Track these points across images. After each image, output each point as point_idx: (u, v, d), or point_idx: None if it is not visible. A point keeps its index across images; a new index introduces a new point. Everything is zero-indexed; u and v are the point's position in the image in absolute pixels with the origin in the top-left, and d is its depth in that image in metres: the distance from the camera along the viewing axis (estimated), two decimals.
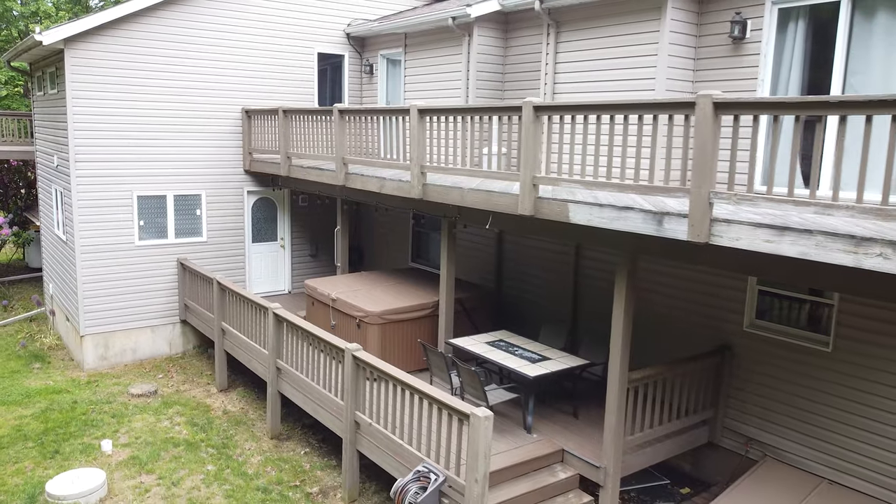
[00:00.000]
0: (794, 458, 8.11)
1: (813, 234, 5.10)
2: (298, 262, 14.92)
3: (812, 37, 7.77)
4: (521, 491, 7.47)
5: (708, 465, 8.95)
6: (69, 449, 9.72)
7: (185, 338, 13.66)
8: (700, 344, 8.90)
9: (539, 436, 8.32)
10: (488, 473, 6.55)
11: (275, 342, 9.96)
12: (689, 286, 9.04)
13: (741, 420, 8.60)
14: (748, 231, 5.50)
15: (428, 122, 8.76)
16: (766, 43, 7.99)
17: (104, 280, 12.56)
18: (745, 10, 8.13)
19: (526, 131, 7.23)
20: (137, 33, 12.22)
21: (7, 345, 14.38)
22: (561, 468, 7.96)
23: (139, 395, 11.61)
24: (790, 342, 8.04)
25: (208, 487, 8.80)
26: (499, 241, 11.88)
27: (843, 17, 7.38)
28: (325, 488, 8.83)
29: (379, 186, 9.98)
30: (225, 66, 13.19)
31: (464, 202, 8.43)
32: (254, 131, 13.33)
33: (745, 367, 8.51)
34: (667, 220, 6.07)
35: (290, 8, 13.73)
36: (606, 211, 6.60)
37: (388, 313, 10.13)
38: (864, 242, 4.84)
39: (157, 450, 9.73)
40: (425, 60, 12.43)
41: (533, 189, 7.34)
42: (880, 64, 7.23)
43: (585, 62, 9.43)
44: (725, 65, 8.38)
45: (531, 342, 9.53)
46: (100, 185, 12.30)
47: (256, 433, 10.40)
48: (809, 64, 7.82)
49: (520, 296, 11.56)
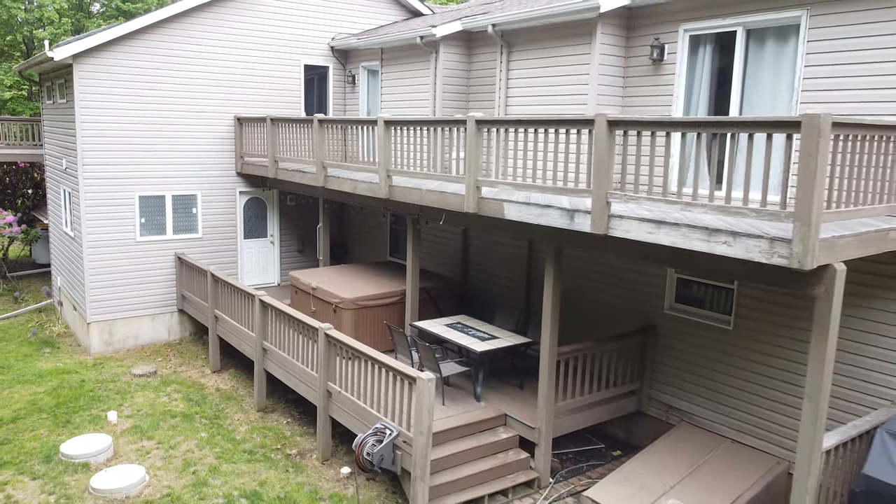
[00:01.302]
0: (705, 421, 9.41)
1: (679, 226, 6.40)
2: (286, 256, 16.22)
3: (717, 59, 9.07)
4: (467, 447, 8.77)
5: (637, 431, 10.24)
6: (79, 419, 11.01)
7: (182, 325, 14.96)
8: (630, 324, 10.19)
9: (486, 404, 9.62)
10: (432, 427, 7.85)
11: (261, 326, 11.25)
12: (621, 274, 10.32)
13: (663, 391, 9.91)
14: (636, 224, 6.80)
15: (393, 131, 10.05)
16: (680, 64, 9.29)
17: (109, 273, 13.86)
18: (663, 36, 9.42)
19: (470, 141, 8.53)
20: (139, 48, 13.51)
21: (20, 332, 15.67)
22: (503, 430, 9.26)
23: (140, 375, 12.90)
24: (701, 322, 9.34)
25: (201, 450, 10.09)
26: (465, 238, 13.17)
27: (740, 43, 8.68)
28: (302, 450, 10.13)
29: (353, 187, 11.27)
30: (219, 76, 14.47)
31: (423, 201, 9.72)
32: (245, 137, 14.62)
33: (667, 344, 9.81)
34: (577, 216, 7.37)
35: (278, 23, 15.03)
36: (532, 209, 7.89)
37: (361, 300, 11.43)
38: (714, 233, 6.13)
39: (156, 420, 11.02)
40: (400, 73, 13.72)
41: (476, 190, 8.64)
42: (769, 82, 8.52)
43: (532, 78, 10.73)
44: (648, 83, 9.68)
45: (486, 324, 10.83)
46: (105, 186, 13.59)
47: (244, 407, 11.69)
48: (716, 82, 9.11)
49: (482, 285, 12.85)
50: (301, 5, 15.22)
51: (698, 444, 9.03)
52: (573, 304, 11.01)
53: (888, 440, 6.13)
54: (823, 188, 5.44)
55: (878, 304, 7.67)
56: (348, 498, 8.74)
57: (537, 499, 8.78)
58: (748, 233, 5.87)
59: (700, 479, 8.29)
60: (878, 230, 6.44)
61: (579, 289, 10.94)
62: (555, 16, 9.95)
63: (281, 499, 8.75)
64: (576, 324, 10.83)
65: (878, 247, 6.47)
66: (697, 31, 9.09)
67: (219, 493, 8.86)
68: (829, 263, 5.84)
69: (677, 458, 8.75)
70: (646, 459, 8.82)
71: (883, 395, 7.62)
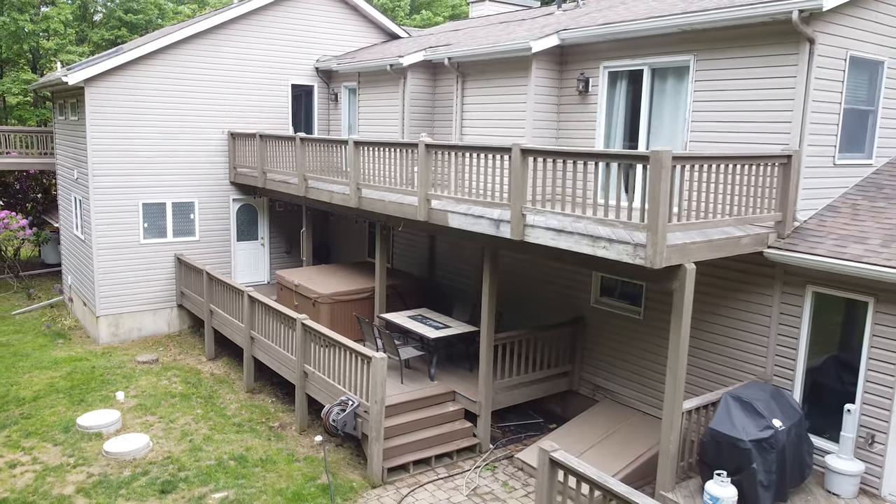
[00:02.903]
0: (623, 397, 11.11)
1: (573, 234, 8.10)
2: (275, 257, 17.92)
3: (630, 92, 10.77)
4: (419, 417, 10.48)
5: (571, 408, 11.93)
6: (91, 398, 12.71)
7: (181, 319, 16.66)
8: (565, 315, 11.87)
9: (439, 382, 11.32)
10: (385, 398, 9.55)
11: (249, 318, 12.95)
12: (559, 273, 12.01)
13: (592, 372, 11.61)
14: (543, 232, 8.50)
15: (362, 150, 11.75)
16: (601, 96, 11.00)
17: (116, 272, 15.56)
18: (587, 71, 11.13)
19: (421, 161, 10.24)
20: (143, 72, 15.20)
21: (34, 326, 17.38)
22: (451, 404, 10.96)
23: (144, 362, 14.60)
24: (619, 313, 11.04)
25: (196, 424, 11.78)
26: (431, 241, 14.87)
27: (646, 79, 10.38)
28: (283, 423, 11.83)
29: (330, 197, 12.97)
30: (214, 95, 16.18)
31: (386, 210, 11.42)
32: (237, 150, 16.32)
33: (593, 332, 11.51)
34: (501, 225, 9.07)
35: (268, 47, 16.73)
36: (469, 218, 9.60)
37: (337, 295, 13.14)
38: (597, 240, 7.83)
39: (158, 399, 12.72)
40: (374, 94, 15.42)
41: (427, 202, 10.34)
42: (669, 112, 10.22)
43: (482, 105, 12.45)
44: (577, 110, 11.39)
45: (443, 316, 12.53)
46: (112, 194, 15.29)
47: (235, 388, 13.39)
48: (630, 111, 10.81)
49: (446, 282, 14.56)
50: (289, 31, 16.93)
51: (614, 416, 10.73)
52: (522, 298, 12.71)
53: (731, 402, 7.81)
54: (667, 206, 7.14)
55: (745, 297, 9.35)
56: (319, 459, 10.44)
57: (477, 460, 10.49)
58: (620, 240, 7.57)
59: (609, 445, 9.99)
60: (729, 237, 8.15)
61: (527, 285, 12.63)
62: (498, 53, 11.66)
63: (263, 461, 10.45)
64: (525, 314, 12.50)
65: (730, 251, 8.19)
66: (614, 68, 10.80)
67: (211, 457, 10.56)
68: (681, 264, 7.55)
69: (594, 428, 10.46)
70: (569, 430, 10.54)
71: (751, 371, 9.31)
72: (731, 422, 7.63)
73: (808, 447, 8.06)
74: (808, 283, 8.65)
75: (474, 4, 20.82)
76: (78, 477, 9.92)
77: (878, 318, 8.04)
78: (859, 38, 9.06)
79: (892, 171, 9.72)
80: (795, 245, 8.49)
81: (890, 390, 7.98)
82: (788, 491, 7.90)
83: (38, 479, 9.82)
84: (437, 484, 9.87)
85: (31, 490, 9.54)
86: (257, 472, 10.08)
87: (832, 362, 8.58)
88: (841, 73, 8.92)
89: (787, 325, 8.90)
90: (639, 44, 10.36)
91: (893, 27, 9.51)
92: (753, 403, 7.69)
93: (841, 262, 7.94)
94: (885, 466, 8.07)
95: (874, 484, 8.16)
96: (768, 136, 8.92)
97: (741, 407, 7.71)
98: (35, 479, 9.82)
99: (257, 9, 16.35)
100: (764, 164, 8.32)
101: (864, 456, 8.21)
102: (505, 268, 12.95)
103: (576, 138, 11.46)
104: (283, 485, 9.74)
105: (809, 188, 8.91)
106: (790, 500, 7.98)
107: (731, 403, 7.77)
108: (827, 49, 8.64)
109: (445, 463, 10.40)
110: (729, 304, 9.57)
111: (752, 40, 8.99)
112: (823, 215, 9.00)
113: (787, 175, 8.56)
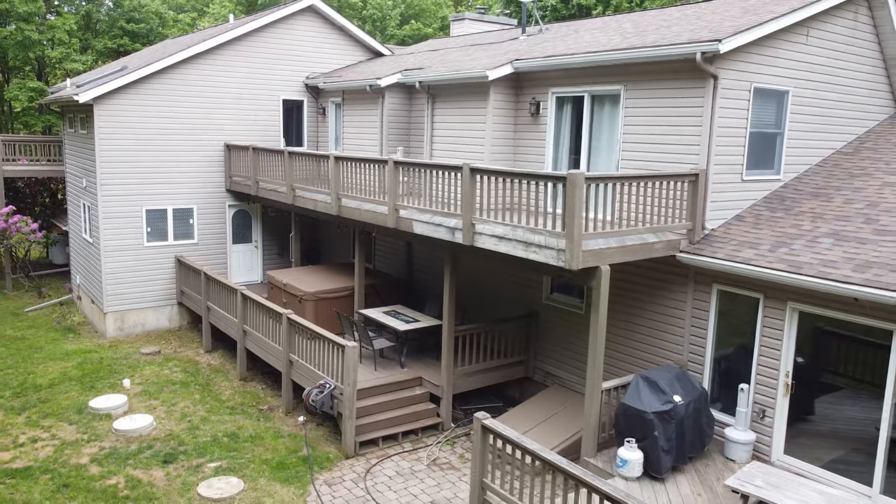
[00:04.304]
0: (569, 382, 12.61)
1: (511, 241, 9.61)
2: (268, 258, 19.44)
3: (575, 115, 12.28)
4: (389, 399, 11.99)
5: (528, 393, 13.42)
6: (101, 385, 14.22)
7: (181, 315, 18.18)
8: (522, 310, 13.37)
9: (408, 370, 12.84)
10: (356, 381, 11.06)
11: (242, 313, 14.46)
12: (516, 273, 13.51)
13: (543, 360, 13.11)
14: (489, 238, 10.01)
15: (341, 164, 13.26)
16: (550, 117, 12.50)
17: (121, 272, 17.07)
18: (538, 95, 12.64)
19: (390, 175, 11.75)
20: (147, 89, 16.71)
21: (46, 322, 18.89)
22: (418, 388, 12.48)
23: (147, 354, 16.12)
24: (566, 308, 12.55)
25: (195, 407, 13.29)
26: (409, 246, 16.37)
27: (587, 104, 11.89)
28: (272, 406, 13.34)
29: (314, 205, 14.47)
30: (212, 110, 17.68)
31: (362, 217, 12.93)
32: (232, 160, 17.83)
33: (545, 325, 13.01)
34: (456, 232, 10.58)
35: (261, 65, 18.23)
36: (430, 226, 11.11)
37: (321, 293, 14.65)
38: (529, 245, 9.34)
39: (160, 386, 14.23)
40: (356, 111, 16.93)
41: (395, 211, 11.85)
42: (606, 133, 11.72)
43: (449, 123, 13.96)
44: (531, 130, 12.89)
45: (416, 312, 14.03)
46: (118, 201, 16.80)
47: (230, 377, 14.91)
48: (574, 132, 12.32)
49: (421, 281, 16.07)
50: (281, 50, 18.44)
51: (559, 399, 12.24)
52: (485, 295, 14.20)
53: (640, 382, 9.31)
54: (582, 217, 8.64)
55: (666, 294, 10.85)
56: (301, 436, 11.95)
57: (439, 437, 12.00)
58: (548, 245, 9.08)
59: (553, 423, 11.50)
60: (644, 243, 9.67)
61: (489, 284, 14.13)
62: (461, 79, 13.18)
63: (252, 437, 11.97)
64: (487, 310, 13.99)
65: (644, 254, 9.70)
66: (561, 93, 12.31)
67: (207, 434, 12.08)
68: (597, 266, 9.06)
69: (541, 409, 11.96)
70: (519, 411, 12.05)
71: (671, 357, 10.80)
72: (639, 397, 9.13)
73: (707, 420, 9.57)
74: (713, 282, 10.16)
75: (455, 23, 22.34)
76: (91, 450, 11.44)
77: (766, 311, 9.55)
78: (763, 72, 10.57)
79: (796, 185, 11.24)
80: (702, 250, 10.00)
81: (776, 372, 9.49)
82: (689, 456, 9.41)
83: (57, 452, 11.34)
84: (403, 456, 11.39)
85: (52, 460, 11.06)
86: (247, 447, 11.60)
87: (734, 349, 10.08)
88: (746, 102, 10.43)
89: (699, 318, 10.41)
90: (580, 73, 11.87)
91: (796, 61, 11.03)
92: (658, 382, 9.20)
93: (735, 265, 9.45)
94: (774, 437, 9.58)
95: (765, 451, 9.67)
96: (683, 157, 10.43)
97: (648, 385, 9.22)
98: (55, 452, 11.34)
99: (252, 31, 17.87)
100: (674, 181, 9.82)
101: (757, 428, 9.72)
102: (471, 268, 14.46)
103: (530, 154, 12.97)
104: (269, 456, 11.25)
105: (718, 201, 10.42)
106: (692, 464, 9.49)
107: (641, 383, 9.27)
108: (730, 83, 10.14)
109: (411, 439, 11.92)
110: (653, 299, 11.07)
111: (669, 74, 10.51)
112: (731, 224, 10.51)
113: (696, 190, 10.06)
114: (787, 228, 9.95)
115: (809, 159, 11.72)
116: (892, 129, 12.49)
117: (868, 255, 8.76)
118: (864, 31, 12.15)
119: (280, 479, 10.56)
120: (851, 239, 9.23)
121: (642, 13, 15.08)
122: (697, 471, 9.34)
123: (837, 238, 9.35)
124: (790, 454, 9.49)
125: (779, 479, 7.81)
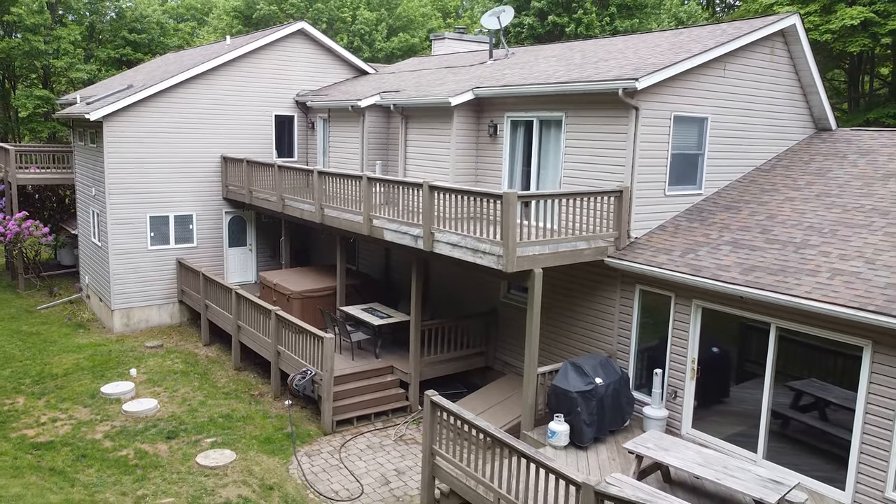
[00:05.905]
0: (522, 370, 14.32)
1: (462, 248, 11.35)
2: (262, 260, 21.19)
3: (526, 137, 14.01)
4: (363, 384, 13.75)
5: (489, 381, 15.13)
6: (110, 374, 15.97)
7: (181, 313, 19.92)
8: (484, 307, 15.10)
9: (382, 360, 14.58)
10: (333, 368, 12.81)
11: (236, 310, 16.20)
12: (476, 274, 15.21)
13: (502, 351, 14.85)
14: (444, 245, 11.76)
15: (324, 178, 14.99)
16: (506, 139, 14.24)
17: (127, 273, 18.82)
18: (496, 119, 14.39)
19: (364, 189, 13.49)
20: (151, 107, 18.45)
21: (57, 318, 20.63)
22: (390, 376, 14.23)
23: (151, 348, 17.86)
24: (519, 305, 14.27)
25: (194, 393, 15.03)
26: (387, 251, 18.11)
27: (536, 128, 13.62)
28: (262, 392, 15.09)
29: (301, 213, 16.22)
30: (210, 125, 19.42)
31: (342, 225, 14.67)
32: (229, 171, 19.56)
33: (503, 320, 14.75)
34: (418, 240, 12.32)
35: (256, 83, 19.96)
36: (398, 234, 12.85)
37: (307, 292, 16.40)
38: (476, 251, 11.08)
39: (163, 375, 15.97)
40: (340, 127, 18.67)
41: (369, 220, 13.59)
42: (552, 154, 13.46)
43: (420, 142, 15.70)
44: (490, 150, 14.63)
45: (391, 309, 15.76)
46: (125, 208, 18.54)
47: (225, 367, 16.65)
48: (526, 152, 14.04)
49: (399, 281, 17.80)
50: (274, 69, 20.18)
51: (513, 385, 13.97)
52: (453, 294, 15.93)
53: (568, 367, 11.03)
54: (517, 228, 10.38)
55: (599, 293, 12.57)
56: (286, 417, 13.69)
57: (407, 418, 13.75)
58: (491, 252, 10.82)
59: (505, 405, 13.24)
60: (574, 249, 11.40)
61: (456, 284, 15.87)
62: (429, 104, 14.93)
63: (244, 418, 13.71)
64: (454, 307, 15.73)
65: (574, 259, 11.43)
66: (515, 117, 14.05)
67: (205, 415, 13.82)
68: (531, 269, 10.80)
69: (496, 394, 13.70)
70: (477, 395, 13.79)
71: (603, 347, 12.53)
72: (566, 379, 10.87)
73: (627, 399, 11.31)
74: (636, 283, 11.90)
75: (436, 41, 24.08)
76: (104, 428, 13.19)
77: (677, 308, 11.30)
78: (683, 102, 12.31)
79: (715, 199, 12.98)
80: (625, 255, 11.74)
81: (685, 359, 11.23)
82: (610, 430, 11.15)
83: (75, 429, 13.09)
84: (374, 433, 13.14)
85: (70, 436, 12.81)
86: (239, 426, 13.34)
87: (654, 340, 11.82)
88: (667, 128, 12.17)
89: (625, 313, 12.15)
90: (530, 101, 13.61)
91: (715, 91, 12.77)
92: (583, 367, 10.94)
93: (650, 268, 11.19)
94: (683, 413, 11.32)
95: (676, 426, 11.41)
96: (613, 175, 12.16)
97: (574, 370, 10.96)
98: (72, 429, 13.09)
99: (247, 52, 19.60)
100: (601, 196, 11.56)
101: (670, 406, 11.47)
102: (439, 271, 16.20)
103: (490, 170, 14.71)
104: (258, 433, 13.00)
105: (642, 213, 12.16)
106: (613, 437, 11.23)
107: (568, 367, 11.01)
108: (651, 112, 11.88)
109: (383, 419, 13.67)
110: (588, 297, 12.81)
111: (600, 105, 12.25)
112: (654, 233, 12.24)
113: (622, 204, 11.80)
114: (698, 237, 11.69)
115: (730, 175, 13.46)
116: (807, 148, 14.24)
117: (755, 260, 10.50)
118: (780, 62, 13.87)
119: (267, 451, 12.31)
120: (746, 246, 10.98)
121: (595, 41, 16.84)
122: (616, 441, 11.09)
123: (735, 245, 11.10)
124: (697, 428, 11.23)
125: (668, 443, 9.53)
